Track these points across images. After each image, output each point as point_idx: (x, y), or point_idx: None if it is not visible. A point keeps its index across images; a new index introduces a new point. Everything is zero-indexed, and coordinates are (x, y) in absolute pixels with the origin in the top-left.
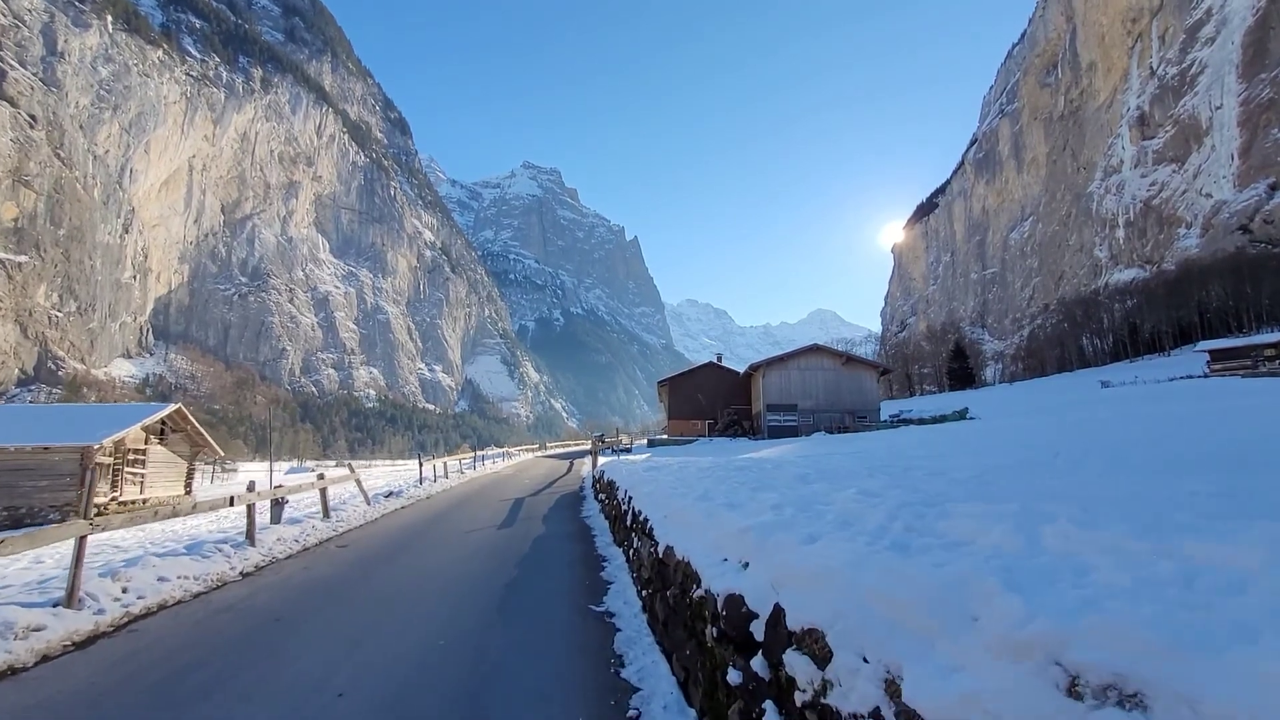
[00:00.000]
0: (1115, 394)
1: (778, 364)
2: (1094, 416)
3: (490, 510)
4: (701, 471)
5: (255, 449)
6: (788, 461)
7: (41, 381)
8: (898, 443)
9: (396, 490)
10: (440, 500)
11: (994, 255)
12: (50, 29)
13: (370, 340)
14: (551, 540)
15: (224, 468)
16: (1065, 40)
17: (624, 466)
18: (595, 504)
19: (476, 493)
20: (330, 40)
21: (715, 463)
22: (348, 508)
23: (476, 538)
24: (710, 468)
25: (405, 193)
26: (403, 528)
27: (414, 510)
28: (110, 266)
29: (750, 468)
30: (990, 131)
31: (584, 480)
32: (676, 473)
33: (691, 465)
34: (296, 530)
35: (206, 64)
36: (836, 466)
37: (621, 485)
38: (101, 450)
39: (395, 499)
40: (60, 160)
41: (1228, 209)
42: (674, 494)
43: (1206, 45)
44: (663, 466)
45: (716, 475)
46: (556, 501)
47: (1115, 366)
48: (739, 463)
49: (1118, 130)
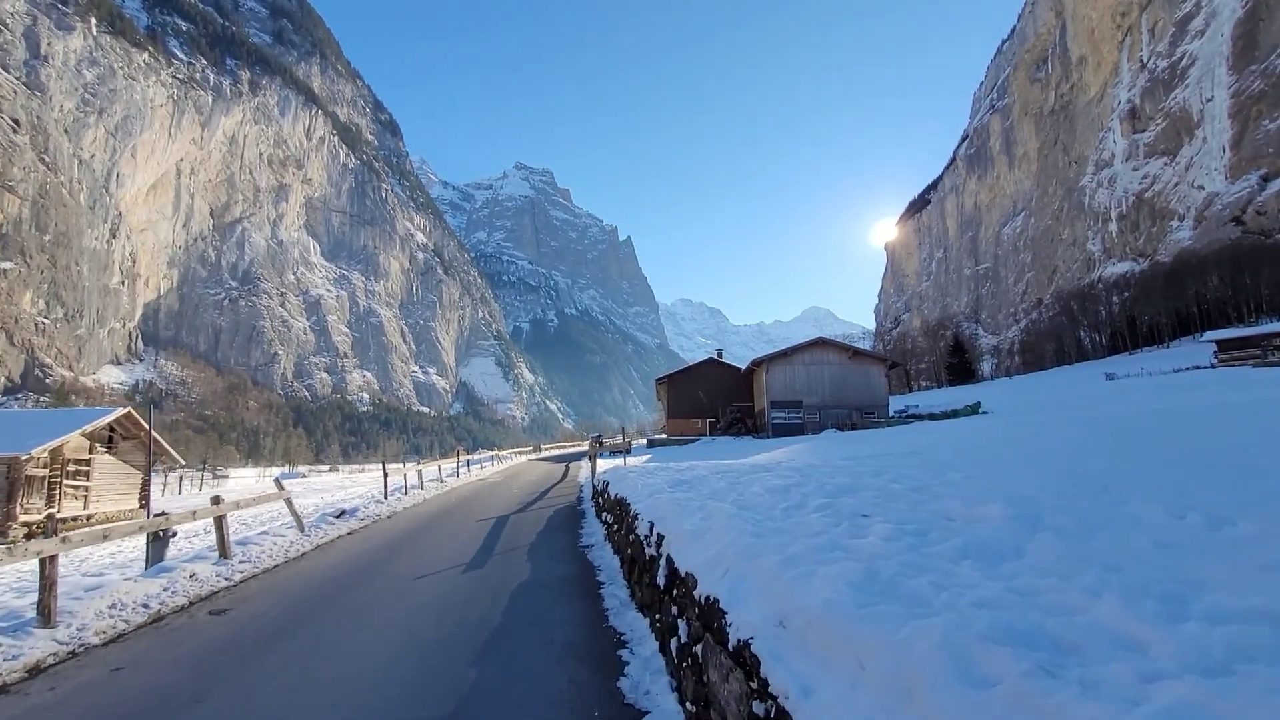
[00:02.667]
0: (1123, 386)
1: (781, 359)
2: (1127, 412)
3: (461, 537)
4: (771, 491)
5: (248, 455)
6: (827, 470)
7: (29, 389)
8: (925, 445)
9: (351, 509)
10: (402, 521)
11: (987, 250)
12: (33, 32)
13: (363, 343)
14: (537, 596)
15: (215, 474)
16: (1055, 35)
17: (635, 478)
18: (598, 525)
19: (451, 508)
20: (319, 42)
21: (765, 470)
22: (268, 539)
23: (427, 591)
24: (782, 485)
25: (397, 195)
26: (329, 571)
27: (360, 538)
28: (98, 272)
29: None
30: (981, 127)
31: (581, 489)
32: (716, 486)
33: (727, 475)
34: (157, 586)
35: (193, 66)
36: (898, 487)
37: (641, 510)
38: (33, 461)
39: (345, 520)
40: (45, 165)
41: (1220, 201)
42: (752, 540)
43: (1196, 38)
44: (694, 480)
45: (793, 495)
46: (548, 522)
47: (1115, 359)
48: (787, 472)
49: (1109, 124)
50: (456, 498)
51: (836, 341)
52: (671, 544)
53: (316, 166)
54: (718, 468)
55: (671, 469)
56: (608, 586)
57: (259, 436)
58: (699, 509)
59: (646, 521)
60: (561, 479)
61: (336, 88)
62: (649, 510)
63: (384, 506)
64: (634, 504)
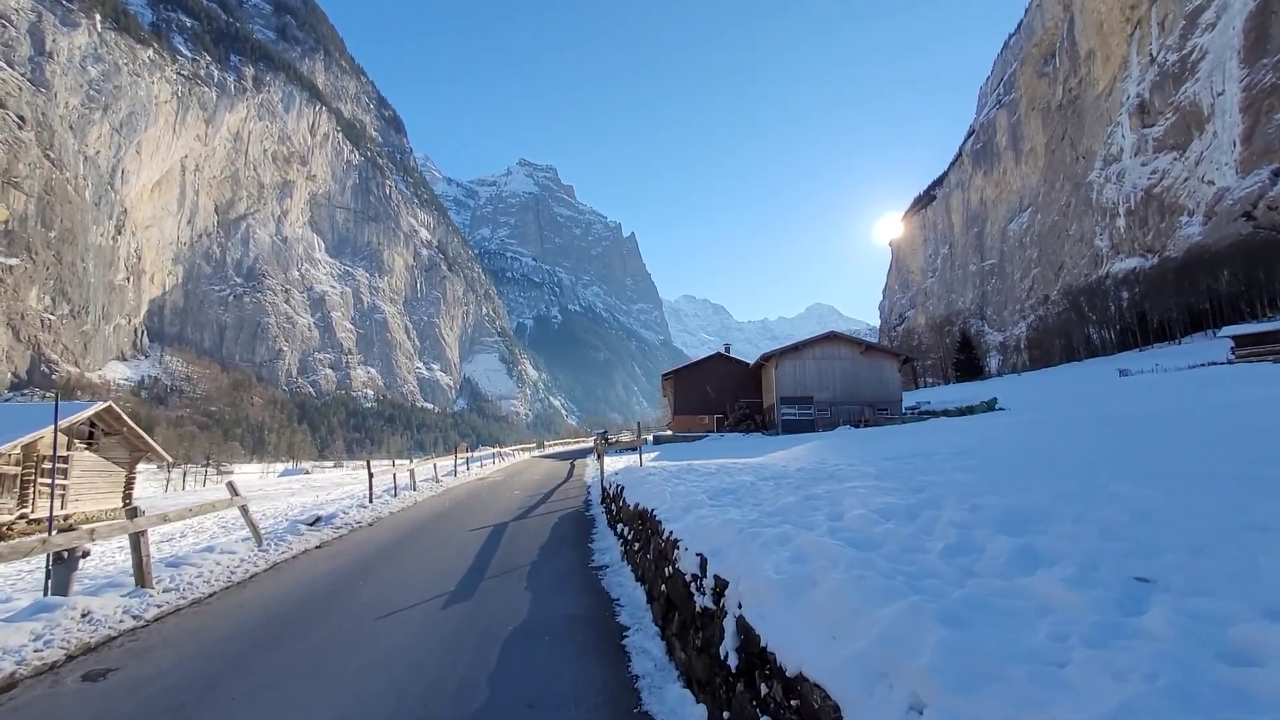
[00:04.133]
0: (1142, 383)
1: (792, 354)
2: (1164, 409)
3: (448, 552)
4: (882, 515)
5: (252, 451)
6: (934, 480)
7: (35, 385)
8: (973, 445)
9: (328, 515)
10: (384, 530)
11: (992, 247)
12: (38, 28)
13: (367, 340)
14: (537, 650)
15: (219, 470)
16: (1063, 29)
17: (659, 483)
18: (611, 537)
19: (443, 513)
20: (323, 38)
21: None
22: (211, 558)
23: (391, 639)
24: (902, 506)
25: (401, 191)
26: (274, 604)
27: (328, 554)
28: (103, 268)
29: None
30: (988, 123)
31: (588, 490)
32: (782, 502)
33: (783, 481)
34: (25, 633)
35: (198, 63)
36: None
37: (679, 533)
38: (4, 458)
39: (318, 529)
40: (50, 161)
41: (1231, 196)
42: (948, 632)
43: (1207, 31)
44: (740, 489)
45: (924, 521)
46: (553, 532)
47: (1126, 355)
48: (891, 486)
49: (1117, 118)
50: (451, 500)
51: (848, 336)
52: (747, 598)
53: (320, 163)
54: (759, 470)
55: (700, 471)
56: (634, 634)
57: (263, 433)
58: (778, 540)
59: (694, 554)
60: (566, 479)
61: (340, 84)
62: (694, 535)
63: (367, 511)
64: (667, 523)
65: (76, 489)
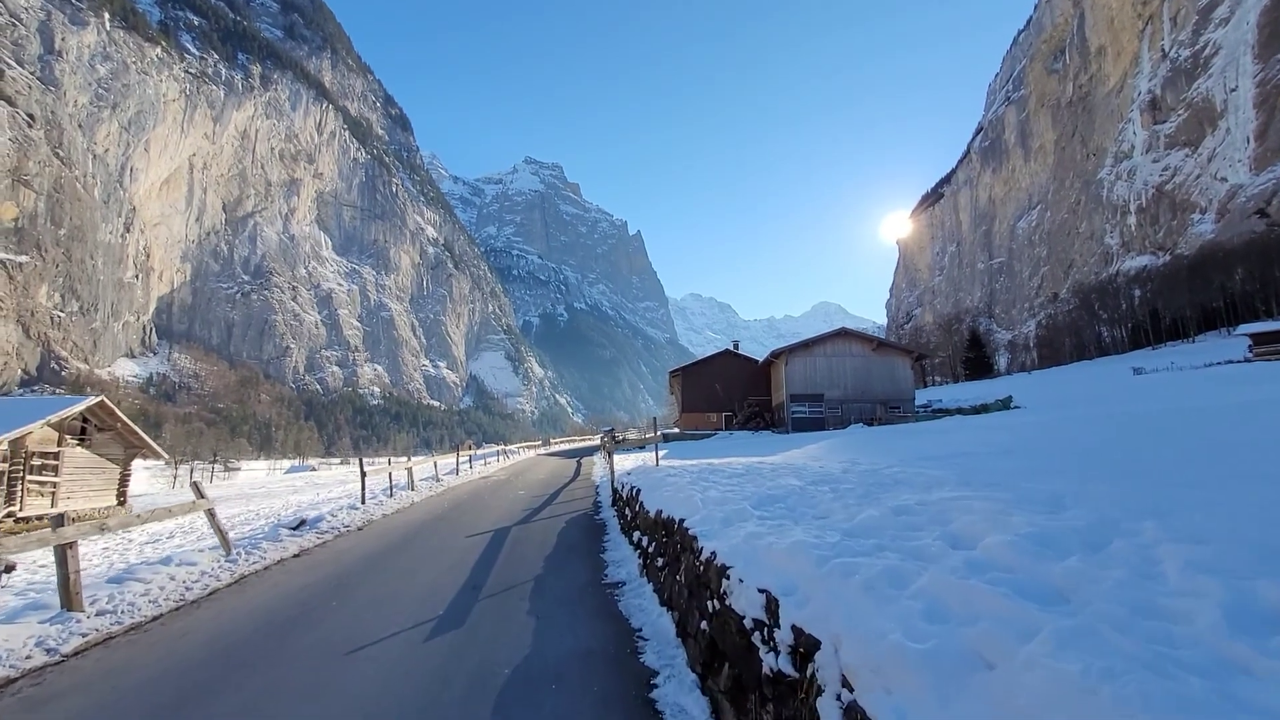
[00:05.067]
0: (1157, 381)
1: (802, 350)
2: (1191, 407)
3: (441, 563)
4: (1038, 543)
5: (260, 447)
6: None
7: (45, 382)
8: (1013, 445)
9: (314, 518)
10: (373, 536)
11: (1001, 245)
12: (47, 27)
13: (374, 337)
14: (546, 707)
15: (227, 467)
16: (1073, 25)
17: (685, 486)
18: (625, 545)
19: (441, 516)
20: (330, 36)
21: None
22: (165, 571)
23: (359, 683)
24: (1059, 530)
25: (407, 189)
26: (227, 631)
27: (306, 564)
28: (112, 266)
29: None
30: (996, 120)
31: (597, 490)
32: (864, 517)
33: (840, 489)
34: None
35: (205, 61)
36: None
37: (726, 555)
38: None
39: (301, 534)
40: (60, 159)
41: (1244, 193)
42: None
43: (1220, 26)
44: (788, 496)
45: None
46: (560, 539)
47: (1137, 354)
48: (1001, 500)
49: (1128, 115)
50: (450, 501)
51: (860, 332)
52: (861, 674)
53: (327, 161)
54: (801, 471)
55: (728, 471)
56: (665, 683)
57: (270, 429)
58: (888, 577)
59: (753, 590)
60: (573, 478)
61: (347, 82)
62: (750, 562)
63: (358, 514)
64: (705, 539)
65: (68, 486)
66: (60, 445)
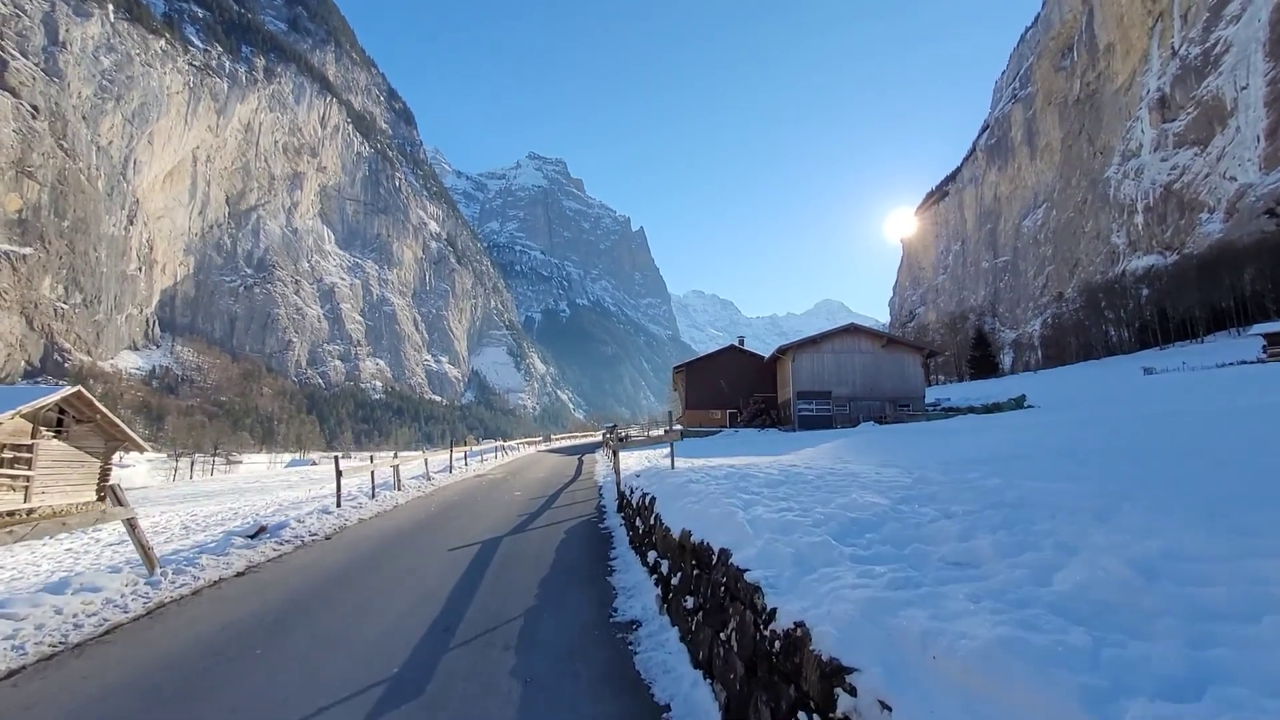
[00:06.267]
0: (1173, 381)
1: (809, 346)
2: (1226, 408)
3: (411, 591)
4: None
5: (262, 441)
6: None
7: (48, 373)
8: (1066, 444)
9: (277, 524)
10: (338, 548)
11: (1006, 243)
12: (51, 18)
13: (376, 332)
14: None
15: (228, 461)
16: (1082, 22)
17: (719, 499)
18: (637, 565)
19: (424, 523)
20: (334, 30)
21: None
22: (45, 605)
23: None
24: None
25: (410, 184)
26: (91, 706)
27: (249, 587)
28: (115, 258)
29: None
30: (1002, 117)
31: (600, 491)
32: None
33: (948, 508)
34: None
35: (209, 53)
36: None
37: (830, 646)
38: None
39: (259, 543)
40: (63, 151)
41: (1253, 192)
42: None
43: (1231, 23)
44: (880, 522)
45: None
46: (558, 555)
47: (1145, 354)
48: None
49: (1137, 113)
50: (439, 503)
51: (869, 328)
52: None
53: (331, 155)
54: (885, 485)
55: (764, 478)
56: None
57: (273, 423)
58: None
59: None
60: (574, 477)
61: (351, 76)
62: (901, 675)
63: (330, 519)
64: (779, 598)
65: (43, 481)
66: (35, 438)
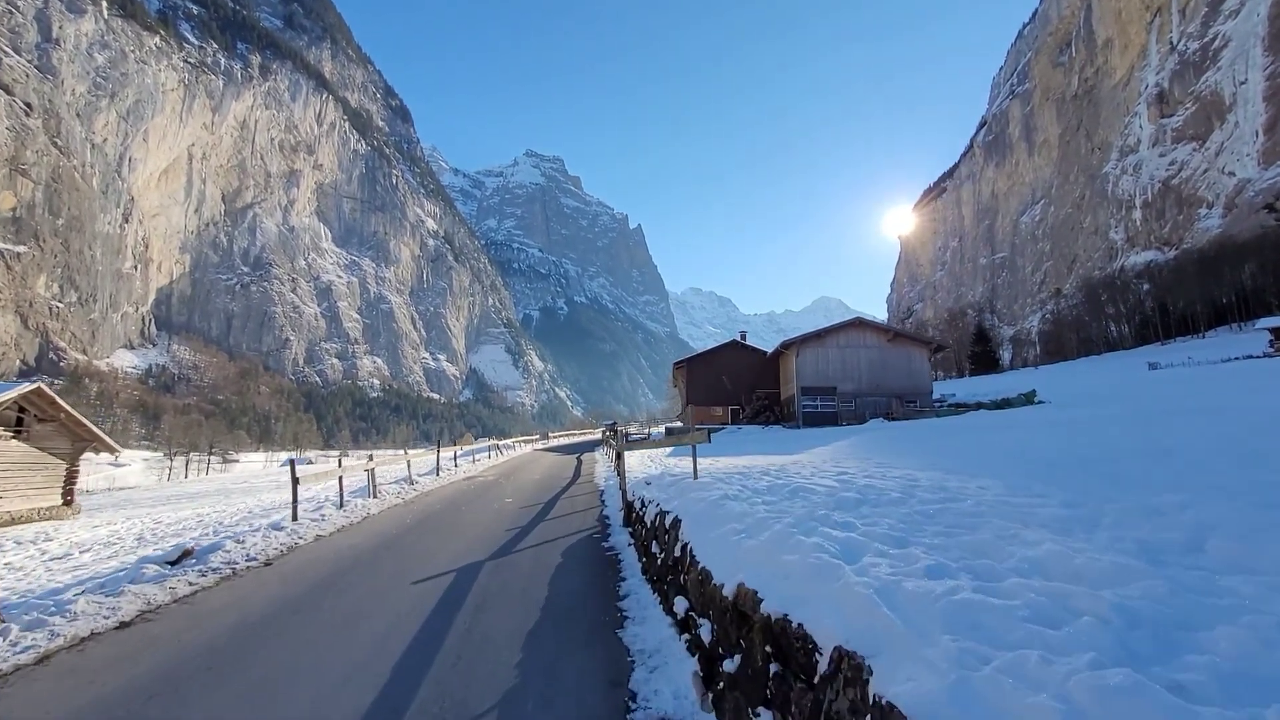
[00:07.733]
0: (1180, 376)
1: (814, 341)
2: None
3: (347, 659)
4: None
5: (259, 440)
6: None
7: (43, 373)
8: (1129, 448)
9: (210, 545)
10: (277, 578)
11: (1003, 240)
12: (45, 14)
13: (374, 330)
14: None
15: (224, 459)
16: (1080, 17)
17: (784, 532)
18: (656, 608)
19: (392, 541)
20: (330, 27)
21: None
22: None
23: None
24: None
25: (407, 181)
26: None
27: (117, 650)
28: (110, 256)
29: None
30: (1000, 113)
31: (602, 498)
32: None
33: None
34: None
35: (204, 50)
36: None
37: None
38: None
39: (168, 576)
40: (58, 149)
41: (1252, 187)
42: None
43: (1230, 18)
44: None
45: None
46: (553, 585)
47: (1146, 349)
48: None
49: (1135, 109)
50: (417, 513)
51: (875, 322)
52: None
53: (327, 152)
54: (999, 504)
55: (821, 488)
56: None
57: (270, 421)
58: None
59: None
60: (573, 480)
61: (347, 73)
62: None
63: (279, 536)
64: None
65: (1, 484)
66: None
